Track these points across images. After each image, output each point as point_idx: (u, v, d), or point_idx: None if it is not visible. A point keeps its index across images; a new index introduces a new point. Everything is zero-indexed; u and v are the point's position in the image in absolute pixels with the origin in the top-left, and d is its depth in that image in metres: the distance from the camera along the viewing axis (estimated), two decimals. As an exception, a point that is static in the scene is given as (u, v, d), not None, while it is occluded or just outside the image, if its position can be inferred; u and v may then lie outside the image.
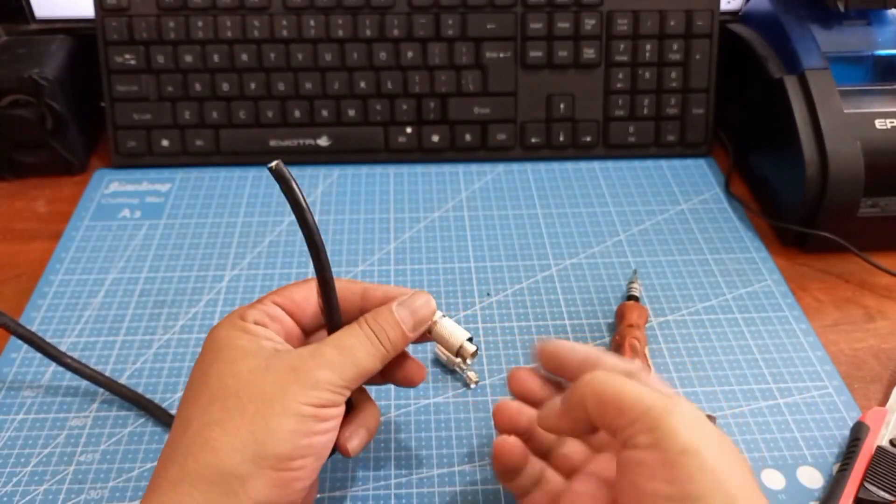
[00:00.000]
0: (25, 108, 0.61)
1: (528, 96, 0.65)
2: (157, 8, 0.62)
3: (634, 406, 0.30)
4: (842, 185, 0.53)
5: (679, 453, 0.28)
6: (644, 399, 0.30)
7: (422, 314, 0.36)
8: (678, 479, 0.28)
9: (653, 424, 0.29)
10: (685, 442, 0.28)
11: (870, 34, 0.59)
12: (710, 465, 0.28)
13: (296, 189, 0.32)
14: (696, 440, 0.28)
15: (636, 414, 0.30)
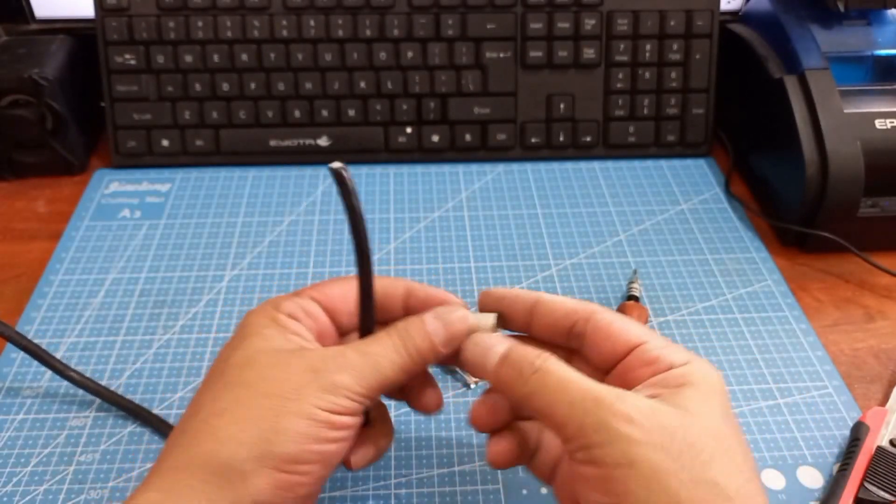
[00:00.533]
0: (25, 108, 0.61)
1: (528, 96, 0.65)
2: (157, 8, 0.62)
3: (567, 421, 0.29)
4: (842, 185, 0.53)
5: (613, 468, 0.28)
6: (575, 412, 0.29)
7: (456, 329, 0.34)
8: (615, 493, 0.28)
9: (585, 442, 0.28)
10: (619, 456, 0.28)
11: (870, 34, 0.59)
12: (647, 474, 0.27)
13: (354, 195, 0.31)
14: (631, 451, 0.27)
15: (570, 430, 0.29)
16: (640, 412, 0.28)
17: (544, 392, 0.30)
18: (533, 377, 0.30)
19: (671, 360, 0.31)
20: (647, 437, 0.28)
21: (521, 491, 0.41)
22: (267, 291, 0.53)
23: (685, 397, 0.29)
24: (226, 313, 0.52)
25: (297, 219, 0.60)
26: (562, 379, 0.30)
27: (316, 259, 0.56)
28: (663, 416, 0.28)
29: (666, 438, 0.28)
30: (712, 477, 0.27)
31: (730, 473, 0.28)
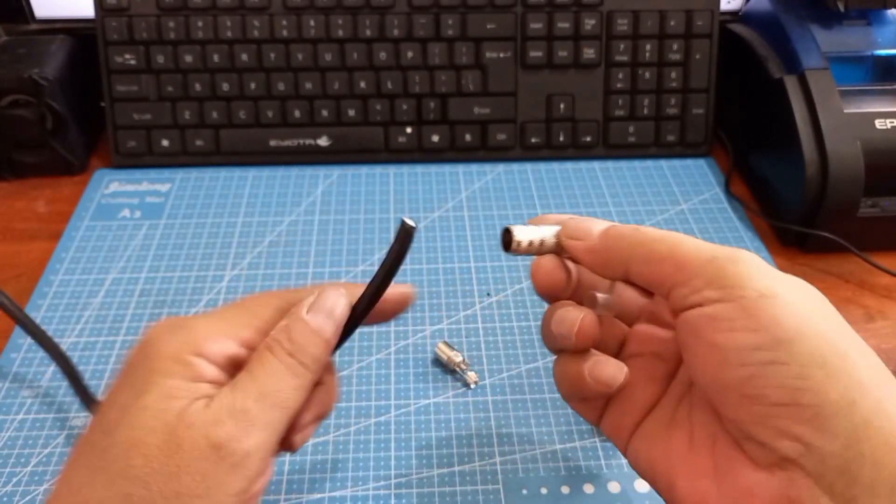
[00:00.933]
0: (25, 108, 0.61)
1: (528, 96, 0.65)
2: (157, 8, 0.62)
3: (694, 258, 0.27)
4: (842, 185, 0.53)
5: (758, 298, 0.25)
6: (703, 251, 0.27)
7: (340, 313, 0.30)
8: (763, 326, 0.25)
9: (719, 273, 0.26)
10: (762, 286, 0.26)
11: (870, 34, 0.59)
12: (793, 307, 0.25)
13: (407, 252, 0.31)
14: (773, 284, 0.26)
15: (697, 266, 0.27)
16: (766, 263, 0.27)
17: (664, 237, 0.28)
18: (651, 230, 0.29)
19: None
20: (785, 278, 0.27)
21: (521, 491, 0.41)
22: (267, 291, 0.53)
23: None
24: (226, 313, 0.51)
25: (296, 219, 0.60)
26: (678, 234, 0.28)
27: (316, 259, 0.56)
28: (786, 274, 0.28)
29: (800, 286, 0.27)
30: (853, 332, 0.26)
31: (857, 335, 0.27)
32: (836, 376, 0.24)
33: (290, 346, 0.29)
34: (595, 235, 0.30)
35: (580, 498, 0.41)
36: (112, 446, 0.26)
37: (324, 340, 0.30)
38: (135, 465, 0.25)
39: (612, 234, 0.30)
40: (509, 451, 0.43)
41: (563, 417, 0.45)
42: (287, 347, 0.29)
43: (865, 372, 0.25)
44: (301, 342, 0.29)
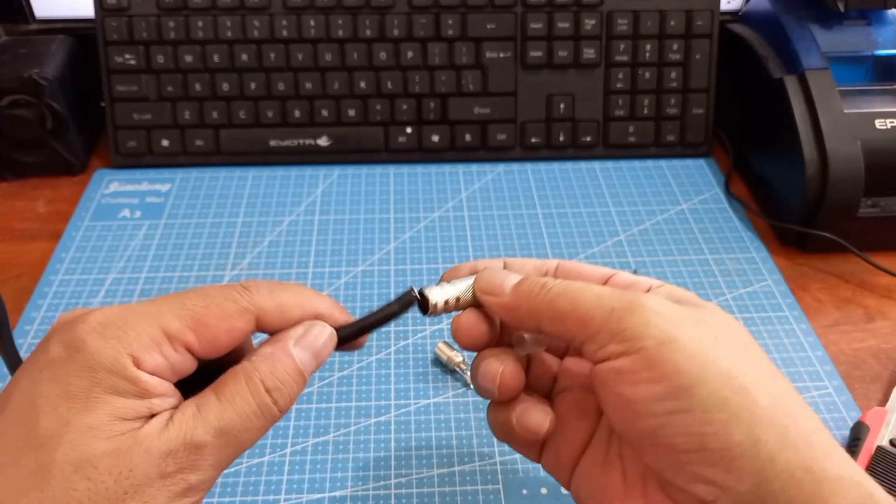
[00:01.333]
0: (25, 108, 0.61)
1: (528, 96, 0.65)
2: (157, 8, 0.62)
3: (596, 312, 0.27)
4: (842, 185, 0.53)
5: (658, 347, 0.26)
6: (604, 302, 0.27)
7: (325, 352, 0.29)
8: (664, 375, 0.25)
9: (619, 326, 0.26)
10: (660, 334, 0.26)
11: (870, 34, 0.59)
12: (692, 349, 0.25)
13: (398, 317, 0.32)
14: (671, 329, 0.26)
15: (599, 321, 0.27)
16: (668, 299, 0.28)
17: (568, 292, 0.28)
18: (555, 285, 0.29)
19: (649, 283, 0.31)
20: (679, 316, 0.26)
21: (521, 491, 0.41)
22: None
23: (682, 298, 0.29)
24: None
25: (297, 219, 0.60)
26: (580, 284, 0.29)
27: (316, 259, 0.56)
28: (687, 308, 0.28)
29: (700, 322, 0.27)
30: (756, 355, 0.27)
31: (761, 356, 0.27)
32: (738, 416, 0.25)
33: (271, 383, 0.26)
34: (507, 292, 0.30)
35: (580, 498, 0.41)
36: (51, 464, 0.23)
37: (303, 381, 0.28)
38: (78, 489, 0.23)
39: (520, 292, 0.30)
40: (509, 450, 0.43)
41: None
42: (268, 383, 0.26)
43: (768, 406, 0.25)
44: (284, 379, 0.27)
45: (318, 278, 0.54)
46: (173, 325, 0.26)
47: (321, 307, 0.29)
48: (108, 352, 0.24)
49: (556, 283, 0.29)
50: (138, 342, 0.25)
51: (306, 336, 0.28)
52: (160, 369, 0.25)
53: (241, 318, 0.27)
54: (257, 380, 0.26)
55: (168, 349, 0.26)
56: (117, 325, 0.25)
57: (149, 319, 0.26)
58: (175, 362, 0.26)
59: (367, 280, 0.54)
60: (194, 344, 0.26)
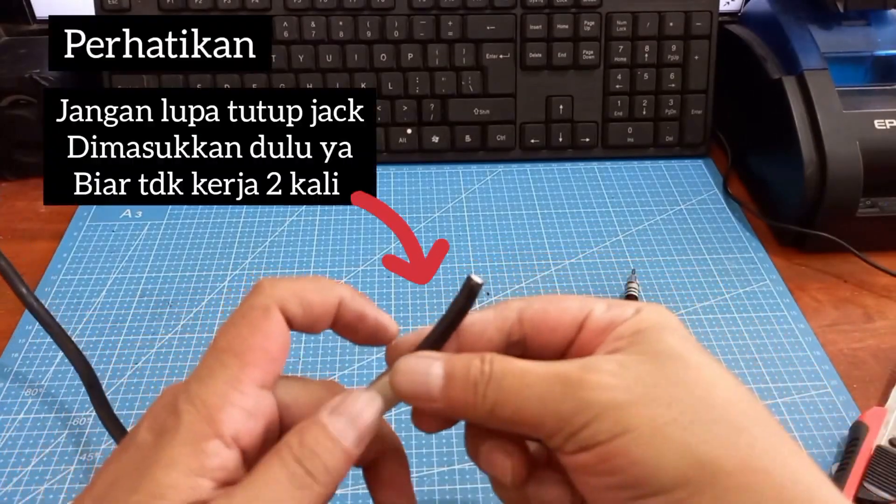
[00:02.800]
0: (25, 108, 0.61)
1: (527, 97, 0.65)
2: (158, 9, 0.62)
3: (543, 420, 0.26)
4: (840, 185, 0.54)
5: (610, 442, 0.25)
6: (548, 407, 0.25)
7: (366, 420, 0.26)
8: (621, 468, 0.25)
9: (570, 430, 0.25)
10: (611, 427, 0.25)
11: (869, 34, 0.59)
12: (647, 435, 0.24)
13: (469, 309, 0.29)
14: (623, 418, 0.25)
15: (549, 427, 0.26)
16: (611, 373, 0.25)
17: (507, 400, 0.26)
18: (490, 388, 0.26)
19: (622, 316, 0.28)
20: (631, 396, 0.25)
21: (521, 490, 0.41)
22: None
23: (647, 340, 0.27)
24: (227, 313, 0.52)
25: (297, 219, 0.60)
26: (519, 376, 0.26)
27: (317, 259, 0.56)
28: (636, 367, 0.26)
29: (650, 388, 0.25)
30: (717, 410, 0.25)
31: (731, 399, 0.26)
32: (700, 491, 0.24)
33: (300, 452, 0.25)
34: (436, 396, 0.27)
35: (580, 497, 0.41)
36: None
37: (341, 449, 0.25)
38: None
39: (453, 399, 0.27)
40: (509, 450, 0.43)
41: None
42: (296, 452, 0.25)
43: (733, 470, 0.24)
44: (313, 447, 0.25)
45: (319, 278, 0.54)
46: (228, 373, 0.26)
47: (341, 291, 0.29)
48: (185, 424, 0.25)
49: (490, 385, 0.26)
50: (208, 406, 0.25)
51: (341, 404, 0.26)
52: (240, 423, 0.25)
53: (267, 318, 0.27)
54: (286, 452, 0.25)
55: (239, 397, 0.25)
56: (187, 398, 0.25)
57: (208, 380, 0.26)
58: (250, 407, 0.26)
59: (367, 280, 0.54)
60: (255, 374, 0.26)
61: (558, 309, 0.29)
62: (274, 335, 0.27)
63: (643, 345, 0.27)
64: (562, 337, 0.29)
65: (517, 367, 0.27)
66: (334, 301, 0.29)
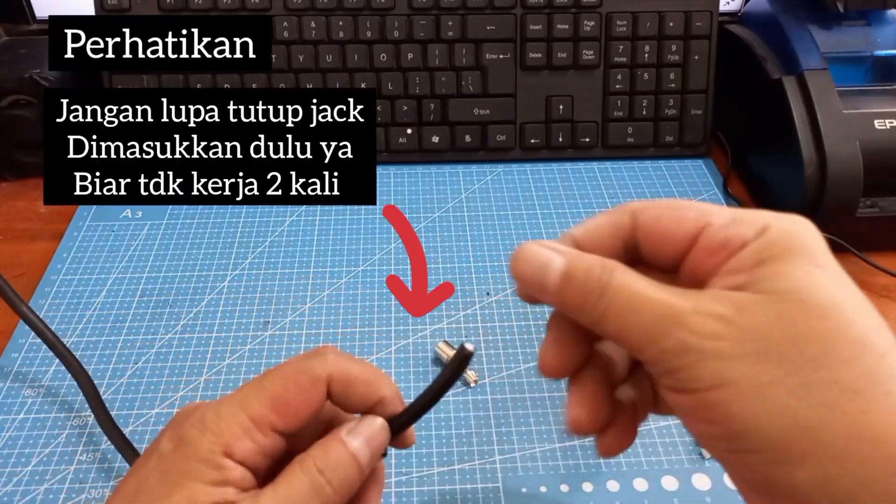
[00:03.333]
0: (26, 108, 0.61)
1: (527, 97, 0.65)
2: (159, 9, 0.62)
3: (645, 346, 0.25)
4: (840, 185, 0.54)
5: (708, 391, 0.24)
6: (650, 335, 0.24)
7: (378, 441, 0.30)
8: (718, 419, 0.24)
9: (670, 366, 0.24)
10: (711, 377, 0.23)
11: (869, 34, 0.59)
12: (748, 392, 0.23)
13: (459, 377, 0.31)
14: (724, 370, 0.23)
15: (650, 354, 0.25)
16: (723, 319, 0.24)
17: (616, 317, 0.25)
18: (601, 300, 0.25)
19: (743, 237, 0.25)
20: (739, 347, 0.23)
21: (521, 489, 0.41)
22: (268, 291, 0.53)
23: (772, 276, 0.24)
24: (227, 313, 0.52)
25: (297, 219, 0.60)
26: (632, 296, 0.25)
27: (316, 259, 0.56)
28: (752, 314, 0.24)
29: (762, 342, 0.23)
30: (828, 373, 0.23)
31: (853, 355, 0.23)
32: (802, 456, 0.23)
33: (323, 464, 0.28)
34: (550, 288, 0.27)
35: (579, 496, 0.41)
36: None
37: (357, 465, 0.28)
38: None
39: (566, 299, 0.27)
40: (509, 449, 0.43)
41: (563, 416, 0.45)
42: (319, 464, 0.28)
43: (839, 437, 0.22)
44: (335, 462, 0.28)
45: (319, 278, 0.55)
46: (257, 411, 0.28)
47: (386, 391, 0.31)
48: (204, 444, 0.27)
49: (603, 298, 0.25)
50: (230, 432, 0.27)
51: (358, 425, 0.30)
52: (250, 455, 0.27)
53: (315, 387, 0.29)
54: (310, 462, 0.28)
55: (256, 434, 0.28)
56: (213, 420, 0.28)
57: (237, 409, 0.28)
58: (265, 445, 0.28)
59: (367, 280, 0.54)
60: (278, 424, 0.28)
61: (672, 218, 0.27)
62: (312, 404, 0.29)
63: (766, 282, 0.24)
64: (674, 249, 0.27)
65: (632, 286, 0.25)
66: (375, 398, 0.30)
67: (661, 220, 0.27)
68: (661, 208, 0.27)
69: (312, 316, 0.52)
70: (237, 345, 0.49)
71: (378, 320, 0.51)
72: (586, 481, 0.42)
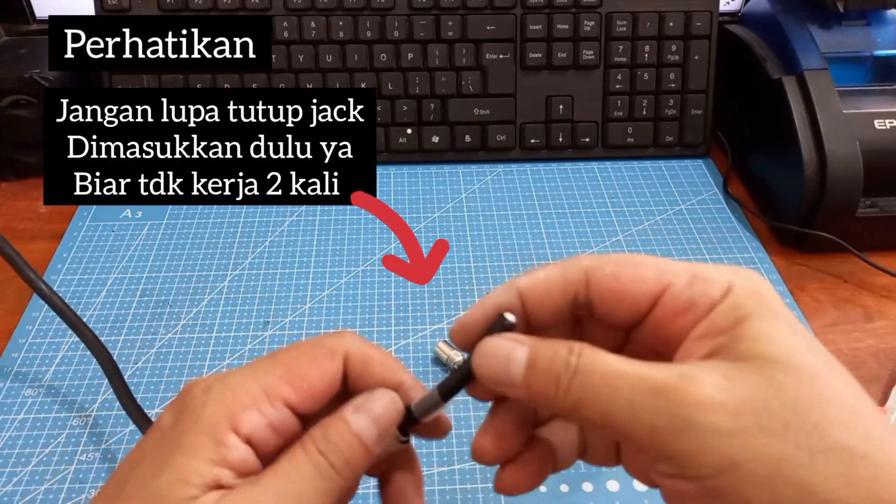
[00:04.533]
0: (26, 108, 0.61)
1: (527, 98, 0.65)
2: (158, 9, 0.62)
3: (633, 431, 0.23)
4: (840, 185, 0.54)
5: (717, 477, 0.22)
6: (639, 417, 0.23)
7: (387, 419, 0.27)
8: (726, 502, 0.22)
9: (667, 451, 0.22)
10: (717, 461, 0.22)
11: (869, 34, 0.59)
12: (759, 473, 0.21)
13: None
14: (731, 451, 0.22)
15: (641, 440, 0.23)
16: (717, 389, 0.22)
17: (593, 400, 0.23)
18: (574, 384, 0.24)
19: (710, 297, 0.24)
20: (740, 422, 0.22)
21: (522, 489, 0.41)
22: (268, 291, 0.53)
23: (751, 339, 0.23)
24: (227, 313, 0.52)
25: (297, 219, 0.60)
26: (608, 375, 0.23)
27: (316, 259, 0.56)
28: (745, 382, 0.22)
29: (762, 414, 0.22)
30: (834, 437, 0.22)
31: (848, 418, 0.22)
32: None
33: (324, 445, 0.26)
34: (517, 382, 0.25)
35: (579, 496, 0.41)
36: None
37: (362, 446, 0.26)
38: None
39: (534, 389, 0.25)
40: (509, 449, 0.43)
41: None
42: (321, 445, 0.26)
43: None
44: (336, 443, 0.26)
45: (319, 278, 0.55)
46: (269, 381, 0.26)
47: (405, 376, 0.28)
48: (207, 415, 0.25)
49: (575, 381, 0.24)
50: (237, 402, 0.25)
51: (365, 402, 0.27)
52: (258, 429, 0.26)
53: (331, 360, 0.27)
54: (310, 443, 0.26)
55: (266, 406, 0.26)
56: (220, 389, 0.26)
57: (247, 379, 0.26)
58: (274, 419, 0.26)
59: (367, 280, 0.54)
60: (291, 397, 0.26)
61: (630, 277, 0.26)
62: (327, 378, 0.27)
63: (746, 345, 0.23)
64: (632, 309, 0.26)
65: (608, 364, 0.24)
66: (394, 382, 0.28)
67: (620, 278, 0.26)
68: (618, 265, 0.26)
69: (312, 316, 0.52)
70: (237, 345, 0.49)
71: (378, 320, 0.51)
72: (586, 481, 0.42)
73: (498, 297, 0.27)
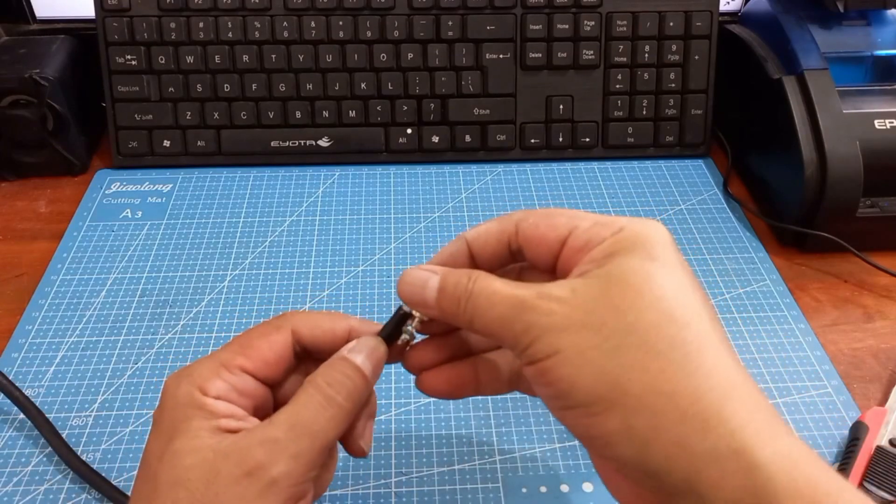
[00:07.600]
0: (26, 109, 0.61)
1: (527, 97, 0.65)
2: (158, 9, 0.62)
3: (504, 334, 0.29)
4: (841, 185, 0.54)
5: (544, 360, 0.27)
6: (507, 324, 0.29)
7: (377, 355, 0.32)
8: (551, 382, 0.28)
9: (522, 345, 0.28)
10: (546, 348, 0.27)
11: (869, 34, 0.59)
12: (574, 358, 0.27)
13: None
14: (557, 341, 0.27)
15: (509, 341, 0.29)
16: (558, 300, 0.28)
17: (480, 315, 0.29)
18: (468, 304, 0.30)
19: (602, 236, 0.29)
20: (568, 321, 0.27)
21: (521, 489, 0.41)
22: (268, 291, 0.53)
23: (610, 264, 0.28)
24: (227, 313, 0.52)
25: (297, 219, 0.60)
26: (490, 295, 0.29)
27: (316, 259, 0.56)
28: (584, 292, 0.28)
29: (587, 315, 0.27)
30: (637, 337, 0.27)
31: (659, 323, 0.27)
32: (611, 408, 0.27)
33: (330, 378, 0.30)
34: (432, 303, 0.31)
35: (579, 496, 0.41)
36: (157, 488, 0.28)
37: (363, 376, 0.31)
38: (180, 498, 0.28)
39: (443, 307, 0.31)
40: (509, 449, 0.43)
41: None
42: (327, 379, 0.30)
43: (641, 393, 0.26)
44: (339, 377, 0.31)
45: (319, 278, 0.55)
46: (224, 356, 0.31)
47: (352, 321, 0.34)
48: (181, 391, 0.30)
49: (469, 301, 0.30)
50: (201, 376, 0.30)
51: (356, 345, 0.32)
52: (224, 392, 0.30)
53: (278, 331, 0.32)
54: (318, 379, 0.30)
55: (226, 374, 0.31)
56: (186, 373, 0.31)
57: (206, 360, 0.31)
58: (236, 384, 0.31)
59: (367, 280, 0.54)
60: (246, 364, 0.31)
61: (547, 225, 0.31)
62: (276, 346, 0.32)
63: (604, 268, 0.28)
64: (549, 251, 0.31)
65: (490, 287, 0.29)
66: (343, 330, 0.33)
67: (538, 227, 0.31)
68: (539, 216, 0.31)
69: (312, 316, 0.52)
70: (237, 345, 0.49)
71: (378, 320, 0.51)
72: (586, 481, 0.42)
73: (450, 247, 0.33)
